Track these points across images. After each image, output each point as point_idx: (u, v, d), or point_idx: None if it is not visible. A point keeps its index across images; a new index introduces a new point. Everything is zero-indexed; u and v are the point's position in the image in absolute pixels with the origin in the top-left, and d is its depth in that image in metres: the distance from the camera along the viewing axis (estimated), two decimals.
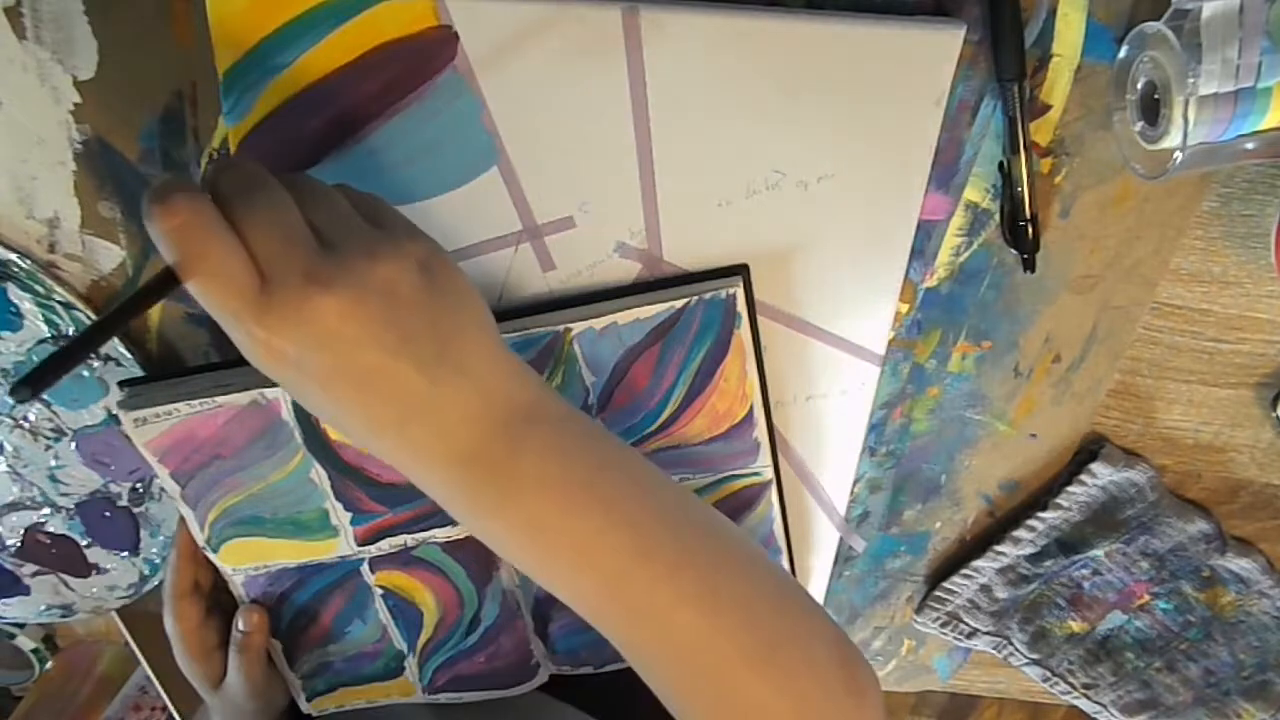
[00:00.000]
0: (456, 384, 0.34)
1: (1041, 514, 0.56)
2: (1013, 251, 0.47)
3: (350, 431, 0.34)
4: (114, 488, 0.55)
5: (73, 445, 0.53)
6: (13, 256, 0.47)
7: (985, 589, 0.60)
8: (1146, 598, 0.61)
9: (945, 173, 0.46)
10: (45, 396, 0.51)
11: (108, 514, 0.56)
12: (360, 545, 0.49)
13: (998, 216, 0.47)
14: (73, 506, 0.55)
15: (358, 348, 0.31)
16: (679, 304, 0.45)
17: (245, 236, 0.31)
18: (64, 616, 0.60)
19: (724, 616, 0.36)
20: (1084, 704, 0.66)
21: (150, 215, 0.30)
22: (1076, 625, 0.62)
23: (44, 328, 0.49)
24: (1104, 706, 0.66)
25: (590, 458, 0.36)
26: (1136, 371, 0.53)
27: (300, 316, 0.30)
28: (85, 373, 0.50)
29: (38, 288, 0.48)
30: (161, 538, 0.56)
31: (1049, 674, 0.64)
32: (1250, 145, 0.40)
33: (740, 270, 0.46)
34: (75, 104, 0.44)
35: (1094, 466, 0.55)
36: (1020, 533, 0.57)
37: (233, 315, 0.30)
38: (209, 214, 0.30)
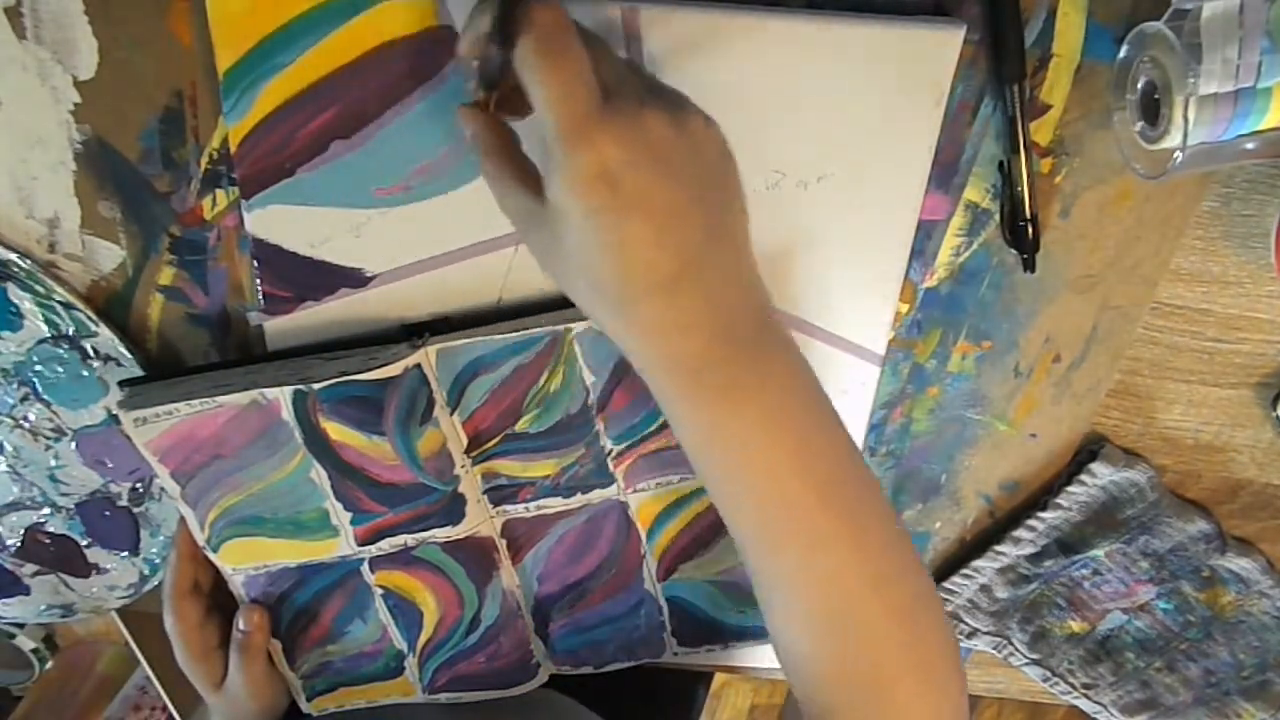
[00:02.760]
0: (728, 253, 0.35)
1: (1041, 514, 0.56)
2: (1013, 251, 0.47)
3: (613, 282, 0.33)
4: (114, 488, 0.55)
5: (73, 445, 0.53)
6: (13, 256, 0.47)
7: (985, 589, 0.60)
8: (1146, 598, 0.61)
9: (945, 173, 0.46)
10: (45, 396, 0.51)
11: (108, 514, 0.56)
12: (360, 545, 0.49)
13: (998, 216, 0.47)
14: (73, 506, 0.55)
15: (671, 177, 0.32)
16: None
17: (591, 54, 0.32)
18: (64, 616, 0.60)
19: (872, 563, 0.38)
20: (1084, 704, 0.66)
21: (525, 8, 0.31)
22: (1076, 625, 0.62)
23: (44, 328, 0.49)
24: (1104, 706, 0.66)
25: (809, 378, 0.38)
26: (1136, 371, 0.53)
27: (637, 126, 0.32)
28: (85, 372, 0.50)
29: (38, 288, 0.48)
30: (161, 538, 0.56)
31: (1049, 674, 0.64)
32: (1250, 145, 0.40)
33: None
34: (75, 104, 0.44)
35: (1094, 466, 0.55)
36: (1020, 533, 0.57)
37: (576, 116, 0.31)
38: (571, 23, 0.32)
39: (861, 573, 0.38)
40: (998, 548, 0.58)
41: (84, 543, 0.57)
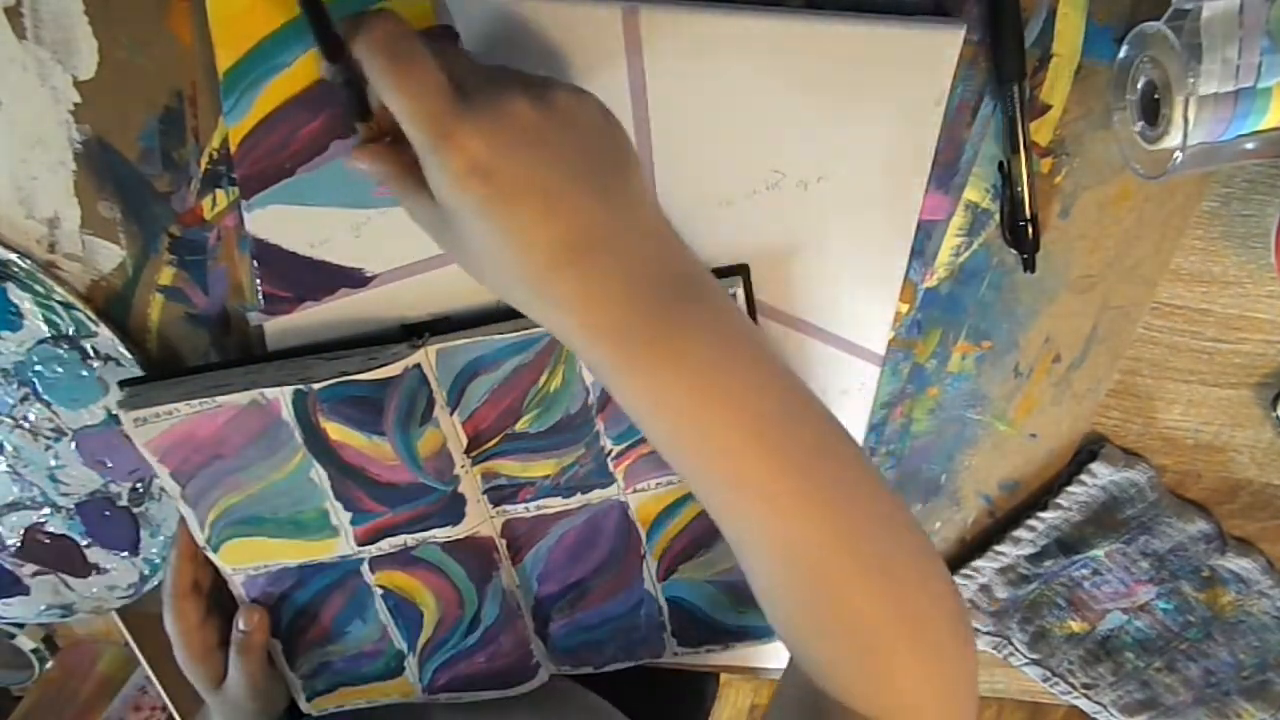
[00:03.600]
0: (628, 214, 0.35)
1: (1041, 514, 0.56)
2: (1013, 251, 0.47)
3: (519, 266, 0.34)
4: (114, 488, 0.55)
5: (73, 445, 0.53)
6: (13, 256, 0.47)
7: (985, 589, 0.60)
8: (1146, 598, 0.61)
9: (945, 173, 0.46)
10: (45, 396, 0.51)
11: (108, 514, 0.56)
12: (360, 545, 0.49)
13: (998, 216, 0.47)
14: (73, 506, 0.55)
15: (545, 154, 0.33)
16: None
17: (439, 56, 0.32)
18: (64, 616, 0.60)
19: (840, 520, 0.36)
20: (1084, 704, 0.66)
21: (358, 28, 0.32)
22: (1076, 625, 0.62)
23: (44, 328, 0.49)
24: (1104, 706, 0.66)
25: (745, 331, 0.36)
26: (1136, 371, 0.53)
27: (497, 115, 0.32)
28: (85, 372, 0.50)
29: (38, 288, 0.48)
30: (161, 538, 0.56)
31: (1049, 674, 0.64)
32: (1250, 145, 0.40)
33: (740, 270, 0.46)
34: (75, 104, 0.44)
35: (1094, 466, 0.55)
36: (1020, 533, 0.57)
37: (434, 120, 0.31)
38: (411, 30, 0.32)
39: (828, 530, 0.35)
40: (998, 548, 0.58)
41: (84, 543, 0.57)
